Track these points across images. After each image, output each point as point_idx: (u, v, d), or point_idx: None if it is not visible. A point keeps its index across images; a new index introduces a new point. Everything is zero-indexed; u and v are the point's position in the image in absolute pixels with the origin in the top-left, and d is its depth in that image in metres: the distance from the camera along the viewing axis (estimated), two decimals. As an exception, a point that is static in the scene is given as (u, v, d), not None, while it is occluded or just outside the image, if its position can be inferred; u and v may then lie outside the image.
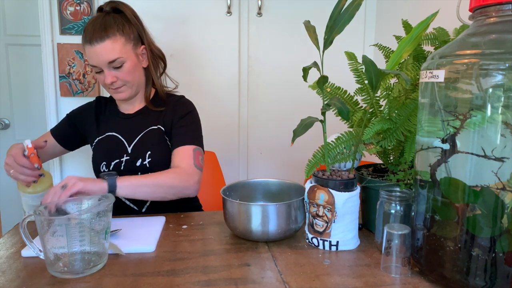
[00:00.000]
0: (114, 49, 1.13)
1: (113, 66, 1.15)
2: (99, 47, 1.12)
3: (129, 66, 1.18)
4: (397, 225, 0.79)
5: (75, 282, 0.73)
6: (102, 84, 1.21)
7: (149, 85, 1.29)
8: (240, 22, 1.96)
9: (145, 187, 1.06)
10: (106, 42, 1.12)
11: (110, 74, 1.16)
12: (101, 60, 1.13)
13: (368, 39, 2.06)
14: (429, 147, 0.71)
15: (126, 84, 1.20)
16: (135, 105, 1.30)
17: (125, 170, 1.21)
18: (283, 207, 0.88)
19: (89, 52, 1.14)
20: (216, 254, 0.85)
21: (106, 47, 1.12)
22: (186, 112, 1.28)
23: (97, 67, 1.15)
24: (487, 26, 0.67)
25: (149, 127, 1.26)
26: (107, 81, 1.16)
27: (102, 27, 1.13)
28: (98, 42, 1.12)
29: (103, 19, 1.15)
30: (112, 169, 1.22)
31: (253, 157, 2.09)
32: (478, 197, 0.64)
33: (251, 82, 2.02)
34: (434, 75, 0.68)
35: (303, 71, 0.84)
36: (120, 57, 1.15)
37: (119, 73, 1.17)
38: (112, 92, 1.22)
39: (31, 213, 0.75)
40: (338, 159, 0.93)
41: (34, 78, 2.37)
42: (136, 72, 1.21)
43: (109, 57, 1.13)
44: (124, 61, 1.16)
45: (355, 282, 0.73)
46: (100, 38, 1.12)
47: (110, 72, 1.16)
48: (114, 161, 1.22)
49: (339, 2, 0.81)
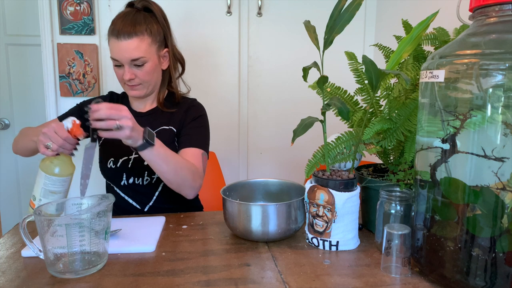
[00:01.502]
0: (140, 48, 1.13)
1: (134, 64, 1.15)
2: (125, 43, 1.12)
3: (150, 67, 1.17)
4: (397, 225, 0.79)
5: (75, 282, 0.73)
6: (118, 79, 1.20)
7: (164, 86, 1.29)
8: (240, 22, 1.96)
9: (169, 162, 1.04)
10: (133, 40, 1.12)
11: (130, 71, 1.15)
12: (125, 56, 1.13)
13: (368, 39, 2.06)
14: (429, 147, 0.71)
15: (142, 83, 1.19)
16: (147, 104, 1.30)
17: (133, 168, 1.21)
18: (283, 207, 0.88)
19: (114, 45, 1.14)
20: (216, 254, 0.85)
21: (132, 44, 1.12)
22: (198, 115, 1.28)
23: (118, 61, 1.15)
24: (487, 26, 0.66)
25: (161, 127, 1.25)
26: (126, 77, 1.15)
27: (132, 23, 1.13)
28: (125, 38, 1.11)
29: (134, 15, 1.15)
30: (119, 166, 1.21)
31: (253, 157, 2.09)
32: (478, 197, 0.64)
33: (251, 82, 2.02)
34: (434, 75, 0.68)
35: (303, 71, 0.84)
36: (144, 56, 1.14)
37: (139, 71, 1.16)
38: (127, 88, 1.21)
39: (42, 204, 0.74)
40: (338, 159, 0.93)
41: (34, 78, 2.37)
42: (155, 73, 1.21)
43: (133, 55, 1.13)
44: (146, 61, 1.16)
45: (355, 282, 0.73)
46: (128, 35, 1.11)
47: (131, 69, 1.15)
48: (122, 158, 1.21)
49: (339, 2, 0.81)
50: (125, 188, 1.24)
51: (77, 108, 1.33)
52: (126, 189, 1.25)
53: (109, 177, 1.25)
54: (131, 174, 1.22)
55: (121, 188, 1.25)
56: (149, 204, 1.25)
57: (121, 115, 0.90)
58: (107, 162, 1.23)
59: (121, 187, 1.25)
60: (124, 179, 1.23)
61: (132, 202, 1.24)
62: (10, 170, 2.47)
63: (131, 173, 1.22)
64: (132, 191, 1.24)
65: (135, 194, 1.24)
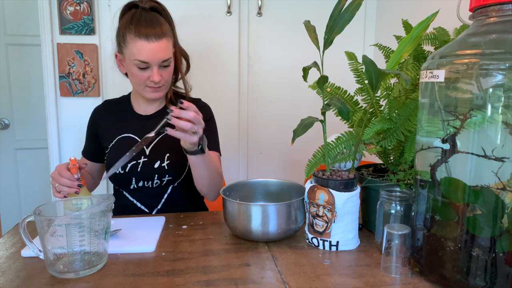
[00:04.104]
0: (168, 48, 1.13)
1: (163, 65, 1.14)
2: (157, 44, 1.10)
3: (172, 67, 1.18)
4: (397, 225, 0.79)
5: (75, 282, 0.73)
6: (139, 81, 1.16)
7: (171, 85, 1.28)
8: (240, 22, 1.96)
9: (210, 167, 1.09)
10: (163, 41, 1.11)
11: (159, 73, 1.14)
12: (156, 58, 1.11)
13: (368, 39, 2.06)
14: (429, 147, 0.71)
15: (165, 84, 1.19)
16: (154, 106, 1.28)
17: (142, 172, 1.20)
18: (283, 207, 0.88)
19: (143, 47, 1.09)
20: (216, 254, 0.85)
21: (163, 45, 1.11)
22: (209, 117, 1.28)
23: (146, 63, 1.11)
24: (487, 26, 0.66)
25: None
26: (156, 79, 1.13)
27: (158, 24, 1.11)
28: (157, 40, 1.10)
29: (152, 16, 1.13)
30: (128, 171, 1.20)
31: (253, 157, 2.09)
32: (478, 197, 0.64)
33: (251, 82, 2.02)
34: (434, 75, 0.68)
35: (303, 71, 0.84)
36: (171, 57, 1.15)
37: (164, 72, 1.16)
38: (149, 90, 1.18)
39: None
40: (338, 159, 0.93)
41: (34, 78, 2.37)
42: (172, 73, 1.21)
43: (165, 55, 1.12)
44: (172, 61, 1.16)
45: (355, 282, 0.73)
46: (159, 36, 1.10)
47: (159, 70, 1.14)
48: (130, 163, 1.20)
49: (339, 2, 0.81)
50: (135, 191, 1.23)
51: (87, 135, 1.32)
52: (135, 192, 1.24)
53: (118, 183, 1.24)
54: (140, 178, 1.21)
55: (130, 192, 1.24)
56: (157, 207, 1.24)
57: (201, 122, 0.96)
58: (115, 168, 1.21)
59: (130, 190, 1.24)
60: (134, 183, 1.21)
61: (140, 206, 1.23)
62: (10, 170, 2.47)
63: (140, 177, 1.21)
64: (141, 193, 1.23)
65: (144, 196, 1.23)
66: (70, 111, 1.90)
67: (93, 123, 1.32)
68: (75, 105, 1.89)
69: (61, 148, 1.91)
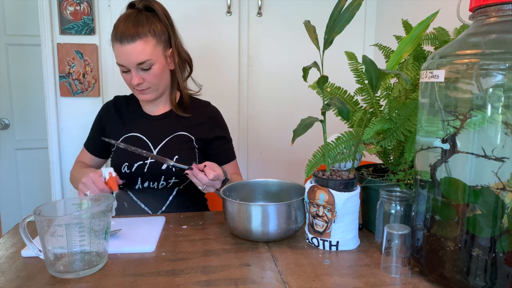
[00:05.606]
0: (145, 50, 1.10)
1: (141, 68, 1.12)
2: (129, 47, 1.08)
3: (158, 69, 1.14)
4: (397, 225, 0.79)
5: (75, 282, 0.73)
6: (127, 84, 1.17)
7: (175, 87, 1.26)
8: (240, 22, 1.96)
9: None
10: (137, 43, 1.08)
11: (138, 76, 1.12)
12: (130, 61, 1.10)
13: (368, 39, 2.06)
14: (429, 147, 0.71)
15: (151, 87, 1.16)
16: (159, 107, 1.27)
17: (149, 173, 1.19)
18: (283, 207, 0.88)
19: (118, 50, 1.10)
20: (216, 254, 0.85)
21: (137, 48, 1.08)
22: (224, 125, 1.32)
23: (124, 66, 1.12)
24: (487, 26, 0.66)
25: (177, 132, 1.23)
26: (134, 82, 1.13)
27: (134, 25, 1.09)
28: (129, 42, 1.08)
29: (136, 17, 1.11)
30: (134, 171, 1.19)
31: (253, 157, 2.09)
32: (478, 197, 0.64)
33: (251, 82, 2.02)
34: (434, 75, 0.68)
35: (303, 71, 0.84)
36: (150, 59, 1.11)
37: (147, 75, 1.13)
38: (137, 93, 1.18)
39: None
40: (338, 159, 0.93)
41: (34, 78, 2.37)
42: (164, 75, 1.18)
43: (139, 58, 1.10)
44: (153, 63, 1.12)
45: (355, 282, 0.73)
46: (132, 38, 1.08)
47: (138, 73, 1.12)
48: (137, 162, 1.19)
49: (339, 2, 0.81)
50: (139, 191, 1.22)
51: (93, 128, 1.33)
52: (140, 193, 1.23)
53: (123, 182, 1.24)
54: (146, 178, 1.20)
55: (134, 192, 1.23)
56: (161, 209, 1.22)
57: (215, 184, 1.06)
58: (121, 167, 1.19)
59: (135, 190, 1.23)
60: (139, 183, 1.20)
61: (144, 207, 1.22)
62: (10, 170, 2.47)
63: (146, 177, 1.20)
64: (146, 194, 1.22)
65: (149, 197, 1.22)
66: (70, 111, 1.90)
67: (102, 118, 1.31)
68: (75, 105, 1.89)
69: (61, 148, 1.91)
